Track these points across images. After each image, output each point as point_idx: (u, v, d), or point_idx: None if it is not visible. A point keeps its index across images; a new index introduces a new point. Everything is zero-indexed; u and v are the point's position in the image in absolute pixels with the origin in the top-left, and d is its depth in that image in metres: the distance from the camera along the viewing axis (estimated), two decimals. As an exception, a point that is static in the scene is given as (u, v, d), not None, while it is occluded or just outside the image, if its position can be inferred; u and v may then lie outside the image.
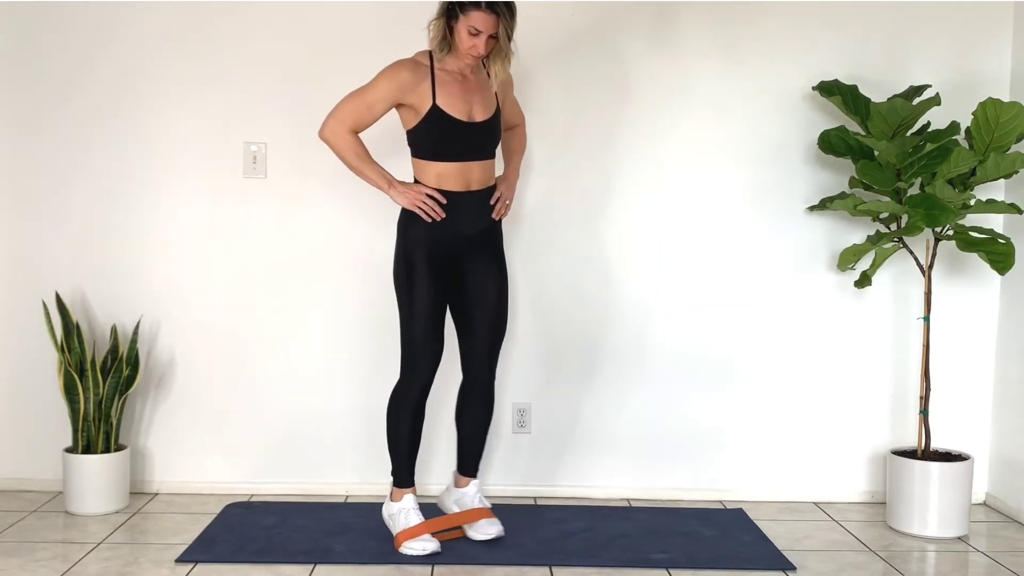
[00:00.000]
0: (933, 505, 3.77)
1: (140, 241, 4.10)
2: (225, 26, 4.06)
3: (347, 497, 4.12)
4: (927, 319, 3.87)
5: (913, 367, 4.13)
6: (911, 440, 4.09)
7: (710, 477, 4.19)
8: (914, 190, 3.86)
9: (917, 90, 3.87)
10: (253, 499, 4.08)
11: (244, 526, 3.75)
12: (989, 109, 3.58)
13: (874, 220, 3.98)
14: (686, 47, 4.07)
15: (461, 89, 3.42)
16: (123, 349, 3.97)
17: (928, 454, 3.88)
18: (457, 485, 3.72)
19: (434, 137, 3.41)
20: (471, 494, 3.68)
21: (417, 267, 3.45)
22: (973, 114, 3.62)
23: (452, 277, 3.52)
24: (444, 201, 3.42)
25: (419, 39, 4.03)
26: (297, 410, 4.15)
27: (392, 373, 4.12)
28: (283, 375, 4.14)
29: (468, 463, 3.70)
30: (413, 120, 3.42)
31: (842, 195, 3.91)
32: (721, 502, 4.15)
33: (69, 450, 3.92)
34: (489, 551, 3.53)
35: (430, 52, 3.44)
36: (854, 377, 4.18)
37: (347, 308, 4.13)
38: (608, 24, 4.05)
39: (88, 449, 3.90)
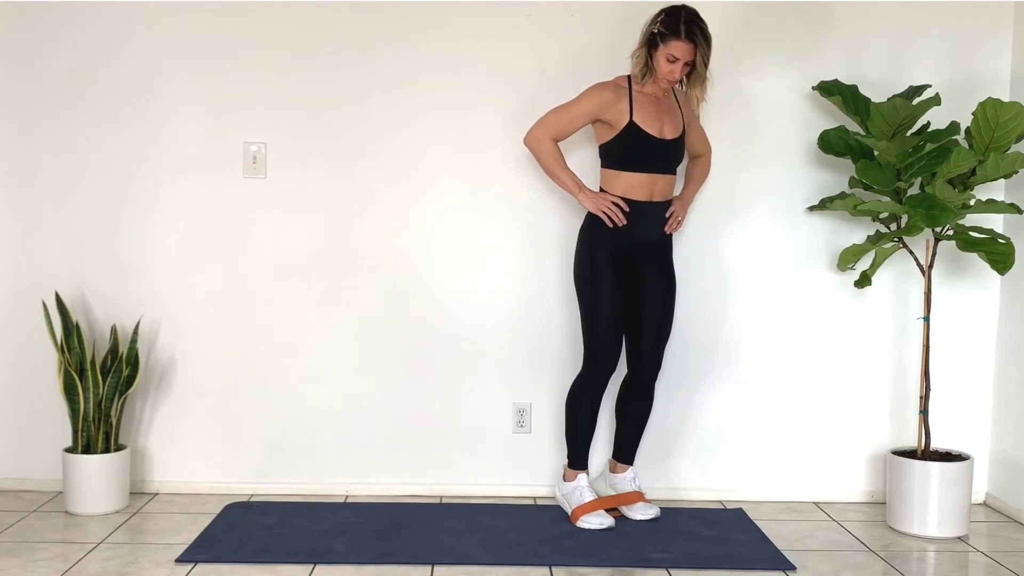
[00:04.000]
0: (933, 505, 3.77)
1: (140, 241, 4.10)
2: (226, 26, 4.05)
3: (347, 497, 4.12)
4: (927, 319, 3.87)
5: (913, 367, 4.13)
6: (911, 440, 4.09)
7: (710, 477, 4.19)
8: (914, 190, 3.86)
9: (917, 90, 3.87)
10: (253, 499, 4.08)
11: (244, 526, 3.75)
12: (989, 109, 3.57)
13: (874, 220, 3.98)
14: (686, 47, 4.07)
15: (655, 109, 3.73)
16: (123, 349, 3.97)
17: (928, 454, 3.88)
18: (613, 471, 3.96)
19: (629, 149, 3.70)
20: (627, 479, 3.92)
21: (602, 269, 3.73)
22: (973, 114, 3.62)
23: (628, 281, 3.78)
24: (627, 209, 3.69)
25: (415, 40, 4.04)
26: (297, 410, 4.15)
27: (392, 372, 4.14)
28: (283, 375, 4.14)
29: (626, 452, 3.95)
30: (609, 134, 3.71)
31: (842, 195, 3.91)
32: (721, 502, 4.15)
33: (69, 450, 3.92)
34: (490, 551, 3.53)
35: (628, 76, 3.74)
36: (854, 377, 4.18)
37: (347, 307, 4.13)
38: (604, 24, 4.05)
39: (88, 449, 3.90)
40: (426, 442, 4.16)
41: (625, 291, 3.77)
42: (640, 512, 3.85)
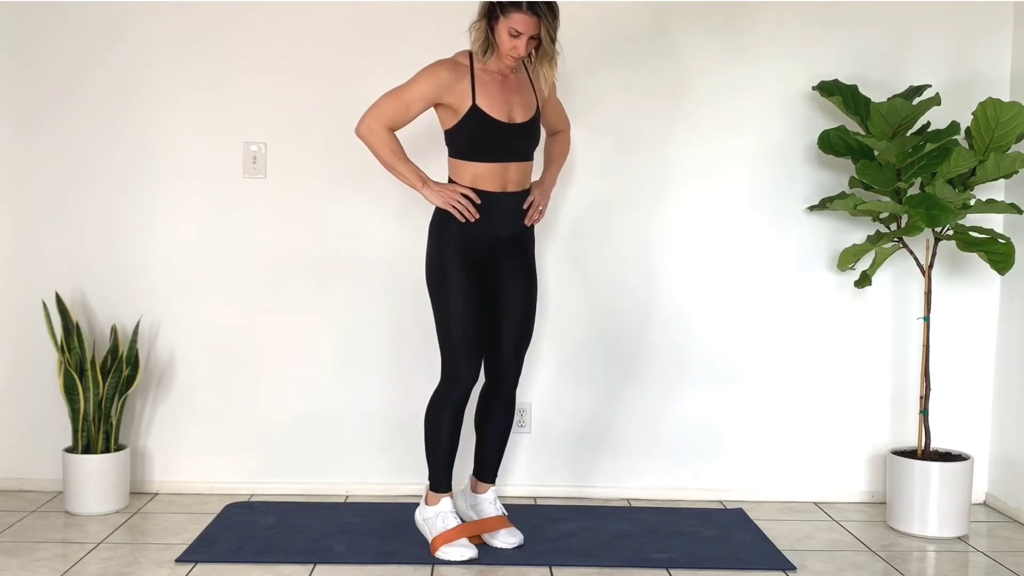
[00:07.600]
0: (933, 505, 3.77)
1: (140, 241, 4.10)
2: (226, 26, 4.06)
3: (347, 497, 4.12)
4: (927, 319, 3.87)
5: (913, 367, 4.14)
6: (911, 440, 4.10)
7: (710, 477, 4.19)
8: (914, 190, 3.86)
9: (917, 90, 3.87)
10: (253, 499, 4.08)
11: (244, 526, 3.75)
12: (989, 109, 3.58)
13: (874, 220, 3.98)
14: (685, 47, 4.07)
15: (501, 89, 3.38)
16: (123, 349, 3.97)
17: (928, 454, 3.88)
18: (475, 490, 3.68)
19: (473, 137, 3.37)
20: (489, 500, 3.64)
21: (452, 270, 3.40)
22: (973, 114, 3.62)
23: (484, 280, 3.47)
24: (479, 201, 3.38)
25: (415, 40, 4.04)
26: (297, 410, 4.15)
27: (392, 372, 4.14)
28: (283, 375, 4.14)
29: (487, 469, 3.66)
30: (452, 120, 3.39)
31: (842, 195, 3.91)
32: (721, 502, 4.15)
33: (69, 450, 3.92)
34: (489, 551, 3.53)
35: (470, 52, 3.40)
36: (854, 377, 4.18)
37: (347, 307, 4.13)
38: (603, 24, 4.05)
39: (88, 449, 3.90)
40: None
41: (482, 293, 3.45)
42: (502, 539, 3.54)
